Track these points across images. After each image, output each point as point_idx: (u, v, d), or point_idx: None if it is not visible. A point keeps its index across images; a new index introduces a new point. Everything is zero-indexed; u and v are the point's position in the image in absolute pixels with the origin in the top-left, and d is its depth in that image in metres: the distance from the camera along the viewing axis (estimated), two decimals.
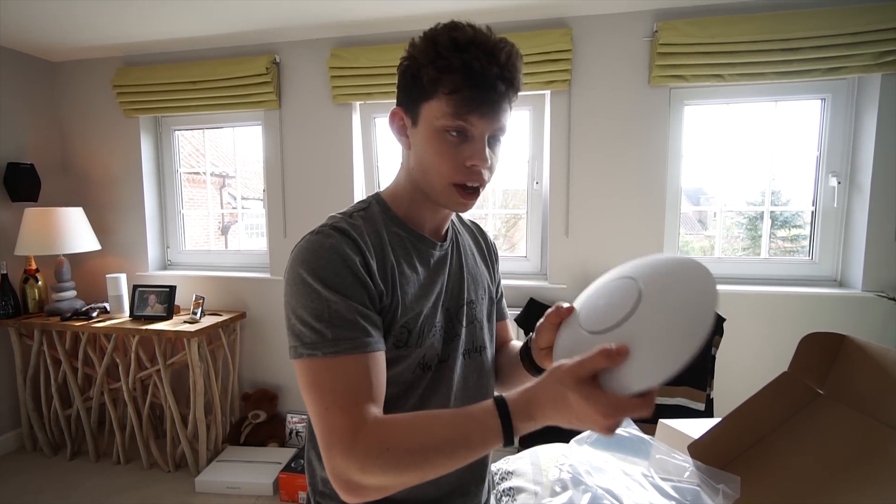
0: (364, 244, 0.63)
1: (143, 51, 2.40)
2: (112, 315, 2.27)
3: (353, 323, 0.57)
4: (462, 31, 0.59)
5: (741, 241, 2.28)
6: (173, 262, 2.68)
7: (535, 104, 2.15)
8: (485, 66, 0.57)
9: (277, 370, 2.48)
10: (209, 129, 2.61)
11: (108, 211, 2.55)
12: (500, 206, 2.46)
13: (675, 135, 2.06)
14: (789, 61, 1.81)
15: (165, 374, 2.13)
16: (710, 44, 1.82)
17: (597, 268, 2.07)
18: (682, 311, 0.45)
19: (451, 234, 0.77)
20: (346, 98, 2.20)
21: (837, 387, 0.68)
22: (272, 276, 2.42)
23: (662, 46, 1.86)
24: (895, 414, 0.59)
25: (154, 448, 2.23)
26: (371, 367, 0.56)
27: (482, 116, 0.59)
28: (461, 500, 0.71)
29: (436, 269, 0.72)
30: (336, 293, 0.58)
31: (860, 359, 0.66)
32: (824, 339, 0.69)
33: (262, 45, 2.28)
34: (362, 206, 0.71)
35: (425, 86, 0.60)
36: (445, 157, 0.61)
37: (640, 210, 2.03)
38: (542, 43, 1.93)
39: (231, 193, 3.51)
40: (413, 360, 0.67)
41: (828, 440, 0.63)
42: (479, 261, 0.82)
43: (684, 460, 0.70)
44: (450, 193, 0.64)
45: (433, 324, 0.69)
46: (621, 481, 0.65)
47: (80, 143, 2.57)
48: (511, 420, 0.48)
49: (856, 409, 0.64)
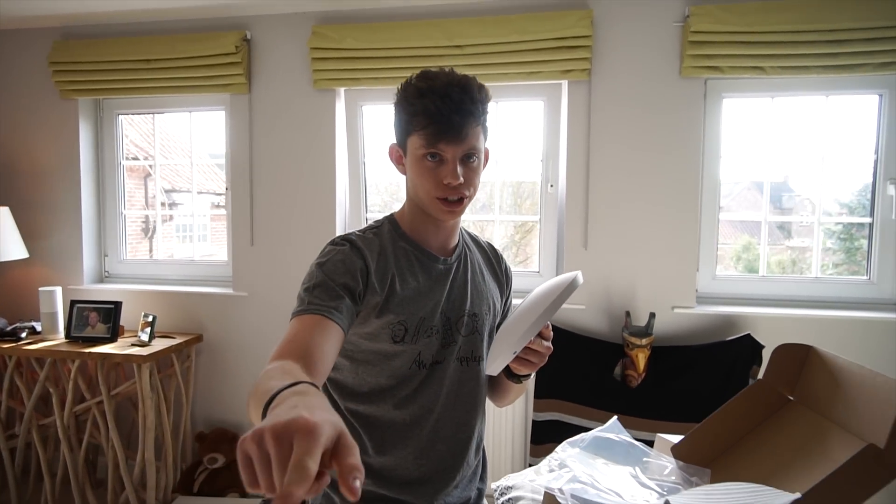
0: (368, 251, 1.02)
1: (86, 22, 2.73)
2: (44, 336, 2.58)
3: (329, 295, 0.92)
4: (426, 80, 0.98)
5: (834, 255, 2.62)
6: (112, 273, 3.00)
7: (550, 94, 2.51)
8: (440, 107, 0.95)
9: (239, 406, 2.79)
10: (160, 113, 2.95)
11: (37, 211, 2.87)
12: (509, 211, 2.80)
13: (713, 131, 2.41)
14: (836, 54, 2.17)
15: (109, 406, 2.44)
16: (747, 32, 2.18)
17: (619, 285, 2.41)
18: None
19: (461, 251, 1.15)
20: (329, 83, 2.54)
21: (803, 393, 1.01)
22: (235, 292, 2.73)
23: (694, 34, 2.22)
24: (839, 412, 0.92)
25: (91, 497, 2.53)
26: (318, 329, 0.87)
27: (449, 143, 0.97)
28: (442, 483, 1.08)
29: (437, 280, 1.08)
30: (326, 276, 0.96)
31: (820, 367, 0.99)
32: (794, 349, 1.02)
33: (230, 18, 2.62)
34: (376, 225, 1.11)
35: (405, 126, 1.00)
36: (427, 178, 1.00)
37: (670, 218, 2.37)
38: (558, 27, 2.29)
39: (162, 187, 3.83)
40: (409, 356, 1.03)
41: (785, 437, 0.96)
42: (488, 279, 1.18)
43: (668, 461, 1.03)
44: (436, 206, 1.02)
45: (430, 326, 1.04)
46: (608, 476, 0.96)
47: (4, 127, 2.90)
48: (281, 394, 0.60)
49: (814, 410, 0.97)
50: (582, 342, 2.36)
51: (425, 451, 1.06)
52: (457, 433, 1.09)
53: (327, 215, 2.62)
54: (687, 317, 2.38)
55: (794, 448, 0.93)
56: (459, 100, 0.96)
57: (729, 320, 2.35)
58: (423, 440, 1.05)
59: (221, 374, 2.78)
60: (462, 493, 1.12)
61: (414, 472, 1.06)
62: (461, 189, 1.00)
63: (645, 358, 2.24)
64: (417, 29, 2.40)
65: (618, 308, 2.41)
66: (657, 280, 2.39)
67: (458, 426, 1.09)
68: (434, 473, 1.07)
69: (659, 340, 2.34)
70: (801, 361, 1.02)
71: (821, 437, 0.92)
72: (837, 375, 0.95)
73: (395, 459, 1.04)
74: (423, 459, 1.06)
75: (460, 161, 0.99)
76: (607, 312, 2.43)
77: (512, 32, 2.31)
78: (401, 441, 1.03)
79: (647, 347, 2.24)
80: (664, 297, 2.39)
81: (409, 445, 1.04)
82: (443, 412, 1.06)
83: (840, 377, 0.95)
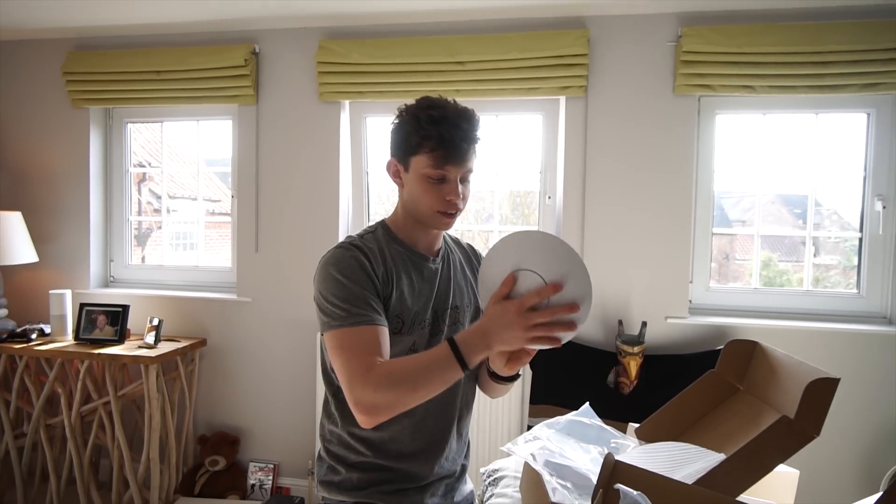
0: (372, 256, 1.25)
1: (99, 34, 3.02)
2: (53, 338, 2.82)
3: (367, 305, 1.16)
4: (436, 109, 1.21)
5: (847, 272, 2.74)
6: (117, 278, 3.26)
7: (549, 109, 2.76)
8: (452, 134, 1.19)
9: (241, 410, 3.02)
10: (168, 122, 3.22)
11: (47, 216, 3.14)
12: (512, 221, 3.05)
13: (707, 147, 2.66)
14: (822, 75, 2.41)
15: (116, 406, 2.67)
16: (736, 53, 2.43)
17: (614, 295, 2.64)
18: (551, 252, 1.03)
19: (444, 252, 1.39)
20: (334, 96, 2.81)
21: (750, 383, 1.24)
22: (239, 298, 2.98)
23: (686, 54, 2.47)
24: (774, 396, 1.15)
25: (96, 496, 2.76)
26: (378, 335, 1.14)
27: (454, 165, 1.21)
28: (432, 455, 1.31)
29: (428, 278, 1.32)
30: (355, 284, 1.17)
31: (763, 360, 1.22)
32: (743, 345, 1.25)
33: (239, 32, 2.90)
34: (371, 230, 1.34)
35: (412, 146, 1.22)
36: (430, 194, 1.23)
37: (664, 231, 2.61)
38: (556, 45, 2.54)
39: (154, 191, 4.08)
40: (405, 345, 1.26)
41: (730, 420, 1.19)
42: (468, 275, 1.43)
43: (633, 441, 1.26)
44: (436, 218, 1.26)
45: (422, 319, 1.29)
46: (576, 450, 1.19)
47: (17, 135, 3.17)
48: (457, 345, 1.05)
49: (756, 397, 1.20)
50: (577, 350, 2.59)
51: (418, 427, 1.29)
52: (443, 410, 1.32)
53: (330, 224, 2.87)
54: (679, 327, 2.61)
55: (735, 427, 1.17)
56: (467, 128, 1.20)
57: (721, 331, 2.58)
58: (415, 417, 1.27)
59: (224, 379, 3.02)
60: (450, 466, 1.36)
61: (408, 445, 1.29)
62: (458, 204, 1.24)
63: (637, 366, 2.47)
64: (421, 45, 2.66)
65: (612, 317, 2.64)
66: (651, 290, 2.62)
67: (444, 405, 1.31)
68: (425, 447, 1.31)
69: (651, 349, 2.57)
70: (748, 355, 1.26)
71: (758, 417, 1.15)
72: (775, 366, 1.18)
73: (391, 434, 1.27)
74: (415, 434, 1.29)
75: (460, 180, 1.23)
76: (602, 321, 2.66)
77: (512, 50, 2.57)
78: (396, 417, 1.24)
79: (639, 355, 2.47)
80: (657, 307, 2.62)
81: (403, 421, 1.27)
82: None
83: (777, 368, 1.18)
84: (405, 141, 1.23)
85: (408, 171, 1.25)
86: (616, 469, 0.90)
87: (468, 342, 1.05)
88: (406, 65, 2.68)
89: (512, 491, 1.33)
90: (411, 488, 1.30)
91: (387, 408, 1.08)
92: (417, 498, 1.30)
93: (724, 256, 3.02)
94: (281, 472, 2.98)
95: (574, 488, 1.10)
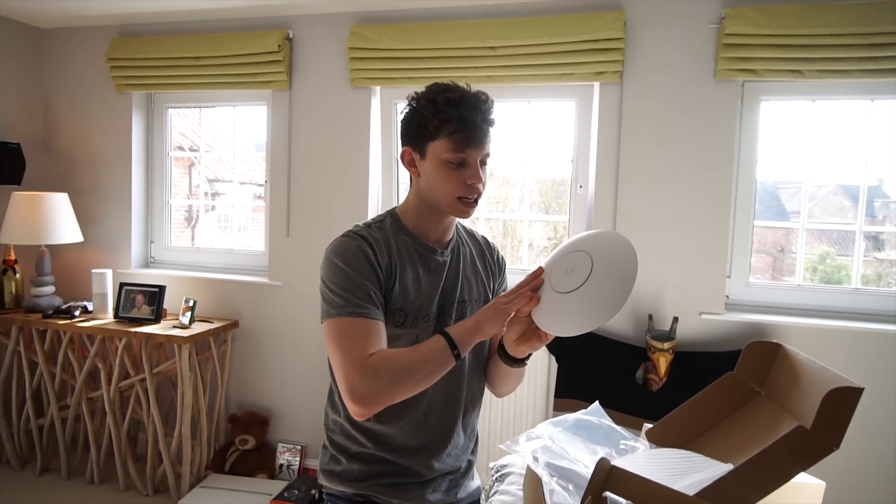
0: (377, 246, 1.21)
1: (141, 21, 3.08)
2: (95, 315, 2.93)
3: (367, 296, 1.15)
4: (453, 92, 1.17)
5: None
6: (157, 259, 3.36)
7: (582, 95, 2.67)
8: (473, 115, 1.15)
9: (270, 391, 3.08)
10: (206, 107, 3.28)
11: (91, 198, 3.25)
12: (536, 210, 2.98)
13: (749, 134, 2.52)
14: (878, 58, 2.24)
15: (151, 383, 2.76)
16: (783, 35, 2.29)
17: (646, 288, 2.55)
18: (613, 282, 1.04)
19: (454, 244, 1.34)
20: (365, 81, 2.79)
21: (771, 387, 1.16)
22: (270, 281, 3.03)
23: (729, 37, 2.34)
24: (794, 403, 1.07)
25: (132, 468, 2.87)
26: (375, 328, 1.14)
27: (474, 148, 1.17)
28: (435, 451, 1.29)
29: (435, 271, 1.28)
30: (357, 274, 1.16)
31: (786, 364, 1.13)
32: (765, 347, 1.17)
33: (274, 17, 2.91)
34: (379, 219, 1.31)
35: (431, 131, 1.18)
36: (450, 180, 1.19)
37: (700, 222, 2.49)
38: (591, 28, 2.45)
39: (206, 176, 4.17)
40: (408, 339, 1.22)
41: (747, 426, 1.11)
42: (479, 269, 1.38)
43: (643, 444, 1.20)
44: (456, 205, 1.22)
45: (427, 313, 1.25)
46: (581, 451, 1.14)
47: (65, 120, 3.29)
48: (450, 333, 1.10)
49: (776, 402, 1.12)
50: (604, 344, 2.52)
51: (420, 423, 1.26)
52: (447, 408, 1.29)
53: (360, 210, 2.87)
54: (714, 323, 2.50)
55: (751, 434, 1.10)
56: (486, 110, 1.18)
57: (759, 329, 2.46)
58: (418, 413, 1.25)
59: (255, 360, 3.08)
60: (454, 462, 1.33)
61: (410, 440, 1.26)
62: (480, 188, 1.21)
63: (667, 362, 2.38)
64: (452, 30, 2.61)
65: (642, 311, 2.55)
66: (685, 284, 2.52)
67: (447, 403, 1.29)
68: (428, 443, 1.28)
69: (684, 345, 2.47)
70: (770, 358, 1.18)
71: (776, 425, 1.08)
72: (798, 371, 1.10)
73: (393, 428, 1.25)
74: (417, 430, 1.26)
75: (479, 163, 1.20)
76: (632, 315, 2.57)
77: (544, 34, 2.49)
78: (399, 412, 1.23)
79: (669, 352, 2.38)
80: (692, 302, 2.51)
81: (405, 416, 1.25)
82: (435, 390, 1.23)
83: (800, 373, 1.10)
84: (421, 127, 1.20)
85: (424, 159, 1.21)
86: (611, 475, 0.85)
87: (460, 327, 1.12)
88: (437, 50, 2.63)
89: (515, 489, 1.30)
90: (412, 483, 1.28)
91: (381, 397, 1.07)
92: (419, 493, 1.28)
93: (780, 249, 2.86)
94: (308, 453, 3.03)
95: (576, 490, 1.06)
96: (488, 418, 2.69)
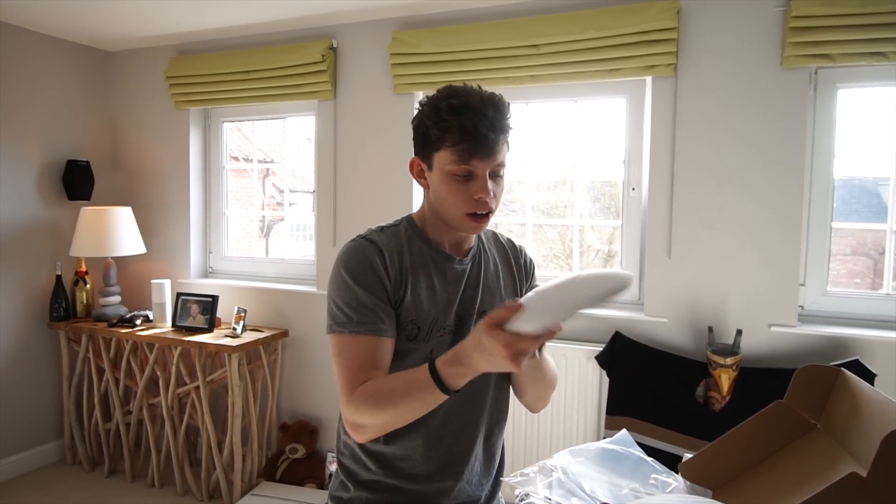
0: (388, 253, 1.13)
1: (196, 39, 3.19)
2: (154, 324, 3.05)
3: (373, 312, 1.07)
4: (457, 97, 1.06)
5: None
6: (215, 269, 3.45)
7: (633, 91, 2.50)
8: (476, 123, 1.04)
9: (320, 401, 3.08)
10: (259, 120, 3.35)
11: (153, 211, 3.39)
12: (587, 216, 2.82)
13: (824, 126, 2.27)
14: None
15: (204, 391, 2.83)
16: (861, 14, 2.04)
17: (708, 298, 2.35)
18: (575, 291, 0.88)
19: (475, 251, 1.25)
20: (407, 87, 2.75)
21: (828, 420, 0.99)
22: (319, 291, 3.03)
23: (797, 20, 2.11)
24: (853, 441, 0.90)
25: (189, 474, 2.95)
26: (378, 347, 1.07)
27: (481, 160, 1.06)
28: (451, 476, 1.19)
29: (452, 280, 1.18)
30: (362, 288, 1.09)
31: (845, 394, 0.96)
32: (821, 372, 1.00)
33: (319, 28, 2.93)
34: (394, 224, 1.23)
35: (434, 141, 1.09)
36: (457, 194, 1.09)
37: (768, 225, 2.26)
38: (640, 20, 2.29)
39: (276, 185, 4.28)
40: (422, 354, 1.13)
41: (798, 466, 0.95)
42: (502, 276, 1.27)
43: (675, 479, 1.06)
44: (464, 221, 1.12)
45: (442, 326, 1.15)
46: (601, 488, 1.02)
47: (130, 137, 3.46)
48: (437, 368, 0.96)
49: (834, 438, 0.95)
50: (660, 358, 2.34)
51: (433, 444, 1.17)
52: (464, 428, 1.19)
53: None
54: (786, 336, 2.26)
55: (801, 477, 0.94)
56: (494, 117, 1.06)
57: (838, 343, 2.20)
58: (431, 433, 1.16)
59: (304, 369, 3.10)
60: (474, 491, 1.22)
61: (422, 465, 1.17)
62: (490, 203, 1.10)
63: (730, 379, 2.17)
64: (493, 30, 2.51)
65: (703, 323, 2.35)
66: (751, 294, 2.30)
67: (465, 421, 1.19)
68: (442, 467, 1.18)
69: (750, 361, 2.25)
70: (828, 386, 1.01)
71: (834, 466, 0.92)
72: (859, 403, 0.94)
73: (404, 449, 1.17)
74: (431, 451, 1.17)
75: (490, 176, 1.09)
76: (691, 327, 2.37)
77: (589, 28, 2.35)
78: (408, 431, 1.14)
79: (732, 368, 2.17)
80: (760, 313, 2.29)
81: (417, 438, 1.16)
82: (451, 407, 1.14)
83: (860, 405, 0.93)
84: (426, 136, 1.11)
85: (431, 170, 1.13)
86: None
87: (449, 365, 0.96)
88: (478, 51, 2.55)
89: None
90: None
91: (370, 429, 1.04)
92: None
93: (881, 252, 2.57)
94: None
95: None
96: (535, 435, 2.56)
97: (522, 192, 2.86)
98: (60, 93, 3.22)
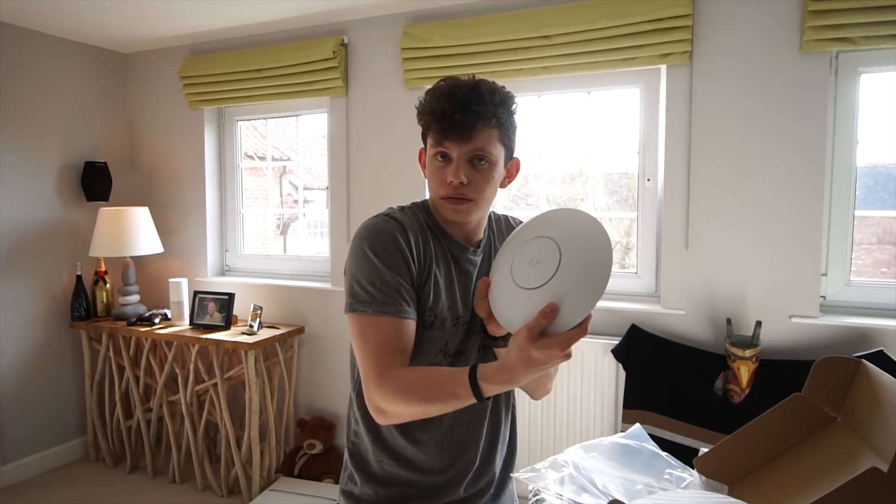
0: (412, 234, 1.11)
1: (209, 38, 3.21)
2: (172, 322, 3.08)
3: (397, 293, 1.05)
4: (443, 83, 1.07)
5: None
6: (231, 267, 3.48)
7: (648, 80, 2.46)
8: (444, 106, 1.04)
9: (337, 396, 3.10)
10: (272, 118, 3.36)
11: (169, 210, 3.43)
12: (602, 208, 2.79)
13: (846, 112, 2.21)
14: None
15: (222, 388, 2.86)
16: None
17: (726, 289, 2.31)
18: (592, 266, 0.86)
19: (486, 243, 1.23)
20: (419, 82, 2.73)
21: (849, 412, 0.96)
22: (333, 287, 3.04)
23: (817, 3, 2.06)
24: (874, 434, 0.87)
25: (209, 470, 2.98)
26: (402, 329, 1.04)
27: (453, 142, 1.05)
28: (462, 468, 1.19)
29: (466, 271, 1.17)
30: (387, 267, 1.06)
31: (866, 385, 0.93)
32: (840, 364, 0.97)
33: (329, 24, 2.93)
34: (412, 207, 1.21)
35: (423, 128, 1.12)
36: (435, 176, 1.10)
37: (788, 214, 2.21)
38: (653, 7, 2.24)
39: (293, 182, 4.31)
40: (436, 345, 1.12)
41: (817, 460, 0.92)
42: None
43: (691, 474, 1.04)
44: (443, 204, 1.11)
45: (456, 316, 1.14)
46: (614, 483, 1.00)
47: (146, 138, 3.49)
48: (477, 380, 0.92)
49: (855, 431, 0.92)
50: (678, 350, 2.30)
51: (446, 436, 1.17)
52: (474, 417, 1.20)
53: None
54: (807, 328, 2.21)
55: (821, 471, 0.91)
56: (465, 98, 1.04)
57: (861, 334, 2.15)
58: (444, 424, 1.16)
59: (321, 365, 3.11)
60: (484, 482, 1.23)
61: (436, 455, 1.17)
62: (463, 190, 1.07)
63: (749, 372, 2.13)
64: (504, 22, 2.49)
65: (721, 314, 2.31)
66: (771, 285, 2.25)
67: (472, 410, 1.16)
68: (454, 458, 1.18)
69: (770, 353, 2.21)
70: (848, 378, 0.98)
71: (854, 459, 0.89)
72: (880, 395, 0.91)
73: (419, 442, 1.16)
74: (444, 443, 1.17)
75: (467, 161, 1.06)
76: (709, 318, 2.34)
77: (602, 17, 2.31)
78: (426, 423, 1.14)
79: (751, 360, 2.13)
80: (780, 304, 2.24)
81: (433, 429, 1.16)
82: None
83: (882, 397, 0.90)
84: (420, 124, 1.14)
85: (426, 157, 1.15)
86: None
87: (490, 378, 0.92)
88: (489, 44, 2.53)
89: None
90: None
91: (395, 417, 1.02)
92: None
93: None
94: None
95: None
96: (552, 430, 2.55)
97: (538, 186, 2.84)
98: (77, 95, 3.27)
